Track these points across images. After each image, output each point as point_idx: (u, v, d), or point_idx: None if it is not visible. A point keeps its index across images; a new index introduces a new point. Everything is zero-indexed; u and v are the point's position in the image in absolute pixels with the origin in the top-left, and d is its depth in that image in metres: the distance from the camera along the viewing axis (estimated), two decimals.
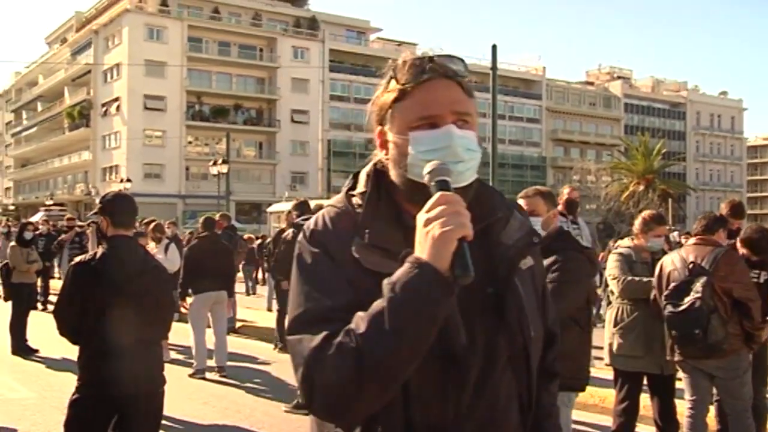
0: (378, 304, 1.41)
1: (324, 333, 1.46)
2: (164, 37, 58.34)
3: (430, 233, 1.40)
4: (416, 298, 1.38)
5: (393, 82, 1.62)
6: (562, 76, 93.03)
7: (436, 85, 1.58)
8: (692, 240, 5.38)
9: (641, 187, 51.65)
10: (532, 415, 1.68)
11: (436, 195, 1.44)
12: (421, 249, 1.41)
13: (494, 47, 19.02)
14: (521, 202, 4.30)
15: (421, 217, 1.43)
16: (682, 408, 5.47)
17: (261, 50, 63.63)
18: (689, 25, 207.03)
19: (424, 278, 1.38)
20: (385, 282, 1.42)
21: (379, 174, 1.65)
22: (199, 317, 9.40)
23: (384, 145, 1.65)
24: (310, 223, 1.66)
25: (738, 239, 5.92)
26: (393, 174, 1.61)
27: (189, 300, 9.43)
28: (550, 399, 1.82)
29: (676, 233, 26.84)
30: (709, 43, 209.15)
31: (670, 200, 48.83)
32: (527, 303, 1.64)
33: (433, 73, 1.59)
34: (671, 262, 5.21)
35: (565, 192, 8.80)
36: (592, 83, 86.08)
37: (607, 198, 53.80)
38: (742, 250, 5.78)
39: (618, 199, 52.01)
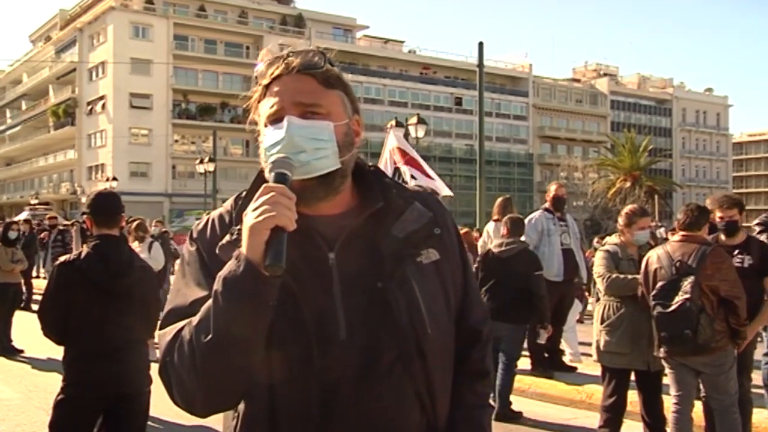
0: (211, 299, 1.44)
1: (179, 326, 1.49)
2: (150, 35, 58.07)
3: (246, 225, 1.42)
4: (230, 290, 1.39)
5: (256, 83, 1.66)
6: (549, 73, 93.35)
7: (285, 80, 1.60)
8: (677, 236, 5.36)
9: (628, 184, 51.86)
10: (444, 416, 1.64)
11: (262, 187, 1.45)
12: (243, 242, 1.43)
13: (481, 45, 19.04)
14: None
15: (246, 210, 1.45)
16: (669, 403, 5.48)
17: (247, 48, 63.45)
18: (675, 22, 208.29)
19: (237, 269, 1.39)
20: (217, 276, 1.44)
21: (262, 175, 1.65)
22: None
23: None
24: (195, 225, 1.71)
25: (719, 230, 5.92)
26: (265, 172, 1.60)
27: None
28: (476, 399, 1.73)
29: (662, 229, 26.97)
30: (695, 40, 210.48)
31: (656, 197, 49.00)
32: (425, 299, 1.58)
33: (282, 68, 1.60)
34: (657, 259, 5.20)
35: (552, 189, 8.83)
36: (578, 80, 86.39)
37: (594, 195, 54.05)
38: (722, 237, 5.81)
39: (605, 195, 52.23)
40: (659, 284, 5.09)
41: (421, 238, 1.64)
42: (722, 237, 5.78)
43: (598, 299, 5.85)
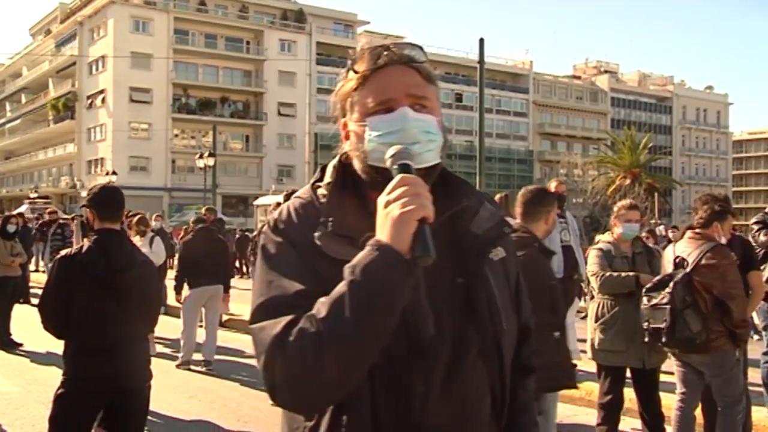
0: (339, 289, 1.40)
1: (286, 320, 1.44)
2: (150, 29, 58.01)
3: (389, 215, 1.39)
4: (375, 280, 1.37)
5: (351, 72, 1.64)
6: (549, 70, 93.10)
7: (391, 70, 1.60)
8: (689, 233, 5.37)
9: (627, 181, 51.91)
10: (507, 411, 1.66)
11: (397, 177, 1.43)
12: (381, 231, 1.40)
13: (482, 41, 19.02)
14: None
15: (382, 199, 1.42)
16: (668, 401, 5.48)
17: (248, 43, 63.41)
18: (676, 20, 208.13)
19: (384, 260, 1.37)
20: (346, 267, 1.41)
21: (345, 165, 1.65)
22: (192, 311, 9.37)
23: (348, 135, 1.66)
24: (274, 214, 1.66)
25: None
26: (356, 163, 1.61)
27: (184, 293, 9.37)
28: (526, 394, 1.80)
29: (662, 227, 26.99)
30: (696, 38, 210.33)
31: (656, 194, 49.08)
32: (499, 295, 1.62)
33: (388, 59, 1.60)
34: (669, 254, 5.29)
35: (552, 186, 8.83)
36: (579, 77, 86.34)
37: (594, 192, 54.04)
38: None
39: (604, 192, 52.25)
40: (656, 278, 5.11)
41: (494, 236, 1.68)
42: None
43: (592, 297, 5.83)
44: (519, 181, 70.34)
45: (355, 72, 1.63)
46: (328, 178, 1.65)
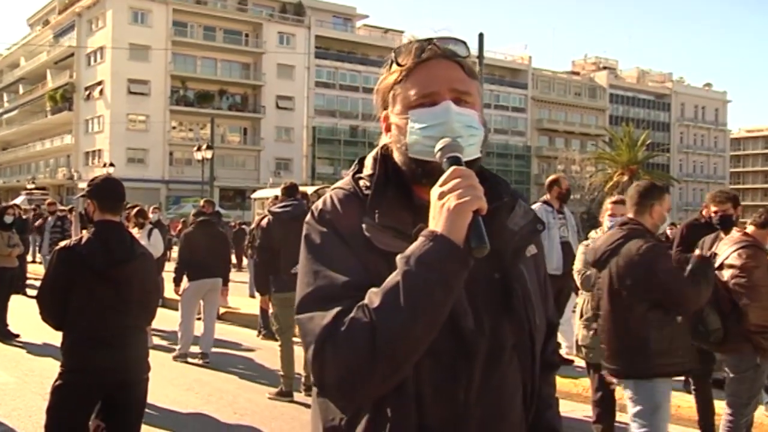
0: (392, 279, 1.40)
1: (336, 309, 1.44)
2: (149, 21, 57.85)
3: (445, 206, 1.40)
4: (432, 271, 1.37)
5: (394, 65, 1.65)
6: (548, 65, 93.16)
7: (435, 64, 1.61)
8: (735, 233, 5.29)
9: (625, 178, 51.84)
10: (534, 406, 1.68)
11: (450, 169, 1.44)
12: (436, 222, 1.41)
13: (481, 36, 19.03)
14: None
15: (435, 191, 1.43)
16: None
17: (246, 35, 63.24)
18: (675, 17, 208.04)
19: (440, 250, 1.38)
20: (399, 257, 1.41)
21: (385, 158, 1.65)
22: (190, 304, 9.37)
23: (389, 128, 1.66)
24: (318, 204, 1.65)
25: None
26: (396, 155, 1.62)
27: (183, 285, 9.36)
28: (550, 390, 1.83)
29: None
30: (695, 35, 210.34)
31: None
32: (532, 290, 1.65)
33: (432, 53, 1.61)
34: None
35: (563, 185, 8.79)
36: (577, 73, 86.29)
37: (591, 188, 54.11)
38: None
39: (602, 189, 52.25)
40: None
41: (528, 232, 1.70)
42: (722, 234, 5.75)
43: (579, 293, 5.85)
44: (517, 177, 70.47)
45: (399, 65, 1.63)
46: (368, 170, 1.65)
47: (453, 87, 1.58)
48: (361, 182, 1.63)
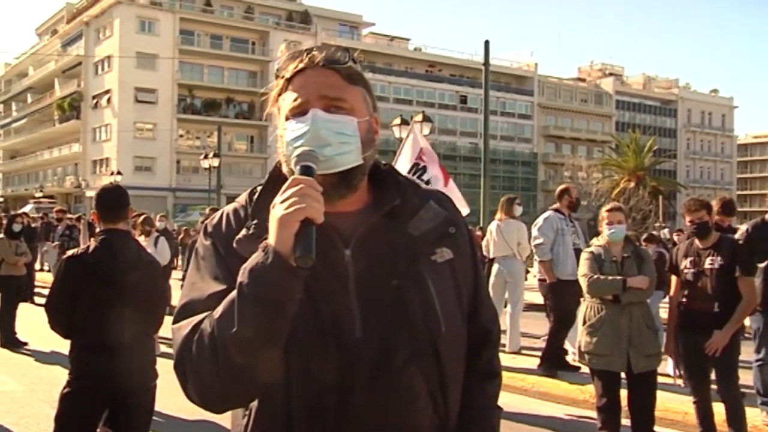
0: (234, 291, 1.42)
1: (197, 320, 1.47)
2: (156, 30, 58.07)
3: (274, 216, 1.40)
4: (259, 281, 1.37)
5: (279, 77, 1.65)
6: (554, 72, 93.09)
7: (309, 73, 1.60)
8: None
9: (632, 184, 51.75)
10: (455, 417, 1.64)
11: (290, 179, 1.43)
12: (270, 233, 1.41)
13: (487, 43, 19.01)
14: None
15: (274, 202, 1.43)
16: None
17: (253, 44, 63.43)
18: (681, 23, 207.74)
19: (265, 261, 1.37)
20: (241, 268, 1.42)
21: (279, 169, 1.65)
22: None
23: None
24: (209, 219, 1.69)
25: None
26: (283, 166, 1.61)
27: None
28: (485, 401, 1.75)
29: (666, 230, 26.91)
30: (701, 42, 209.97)
31: (660, 197, 48.89)
32: (439, 297, 1.58)
33: (308, 62, 1.60)
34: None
35: (573, 193, 8.83)
36: (583, 80, 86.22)
37: (598, 195, 53.91)
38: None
39: (609, 195, 52.05)
40: None
41: (436, 236, 1.65)
42: (696, 241, 5.78)
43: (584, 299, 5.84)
44: (523, 184, 70.41)
45: (278, 76, 1.64)
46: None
47: (323, 94, 1.57)
48: (255, 195, 1.65)
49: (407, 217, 1.64)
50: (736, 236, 6.56)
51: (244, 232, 1.54)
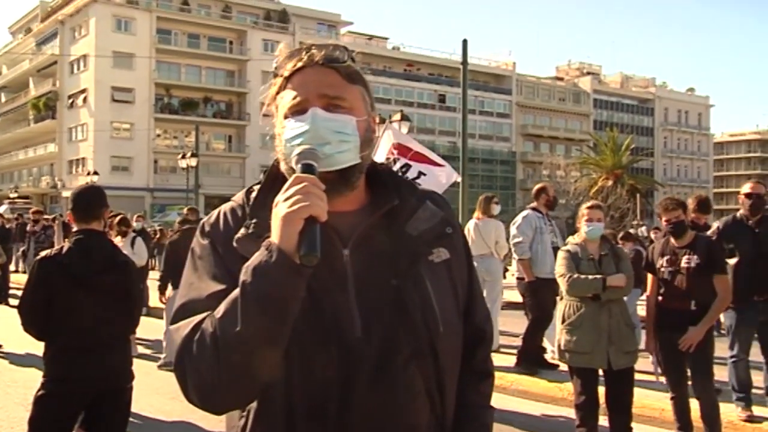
0: (237, 290, 1.41)
1: (196, 320, 1.46)
2: (132, 29, 57.67)
3: (277, 214, 1.40)
4: (261, 280, 1.36)
5: (278, 75, 1.65)
6: (533, 71, 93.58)
7: (308, 72, 1.59)
8: None
9: (610, 182, 52.17)
10: (451, 415, 1.65)
11: (292, 177, 1.43)
12: (273, 231, 1.40)
13: (465, 42, 19.02)
14: None
15: (276, 200, 1.43)
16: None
17: (231, 43, 63.21)
18: (658, 22, 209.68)
19: (268, 259, 1.37)
20: (243, 267, 1.41)
21: (277, 168, 1.64)
22: None
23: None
24: (206, 218, 1.69)
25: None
26: (282, 165, 1.61)
27: (168, 293, 9.32)
28: (479, 400, 1.77)
29: (644, 228, 27.13)
30: (678, 41, 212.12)
31: (638, 195, 49.33)
32: (437, 297, 1.60)
33: (307, 61, 1.60)
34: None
35: (550, 192, 8.89)
36: (561, 79, 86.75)
37: (576, 193, 54.27)
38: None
39: (587, 194, 52.40)
40: None
41: (433, 236, 1.66)
42: (672, 240, 5.82)
43: (561, 298, 5.86)
44: (502, 182, 70.66)
45: (277, 75, 1.64)
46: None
47: (322, 93, 1.57)
48: (252, 194, 1.64)
49: (406, 217, 1.65)
50: (708, 233, 6.63)
51: (243, 231, 1.53)
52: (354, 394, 1.50)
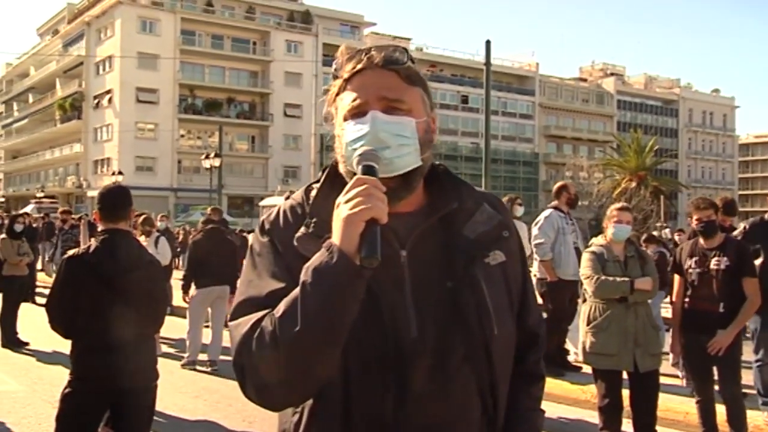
0: (297, 289, 1.42)
1: (256, 318, 1.47)
2: (157, 30, 58.11)
3: (339, 215, 1.40)
4: (323, 281, 1.37)
5: (338, 77, 1.65)
6: (556, 72, 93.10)
7: (368, 74, 1.59)
8: None
9: (633, 184, 51.69)
10: (502, 417, 1.65)
11: (353, 179, 1.43)
12: (334, 233, 1.41)
13: (488, 43, 18.98)
14: None
15: (338, 201, 1.43)
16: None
17: (254, 44, 63.48)
18: (683, 23, 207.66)
19: (331, 261, 1.38)
20: (304, 267, 1.42)
21: (336, 168, 1.65)
22: (198, 312, 9.41)
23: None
24: (265, 215, 1.70)
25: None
26: (341, 166, 1.62)
27: (191, 292, 9.40)
28: (530, 403, 1.77)
29: (667, 230, 26.88)
30: (703, 41, 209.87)
31: (662, 197, 48.84)
32: (492, 300, 1.59)
33: (367, 62, 1.60)
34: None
35: (571, 191, 8.81)
36: (585, 80, 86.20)
37: (599, 194, 53.88)
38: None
39: (610, 195, 52.00)
40: None
41: (490, 239, 1.66)
42: (701, 240, 5.77)
43: (584, 300, 5.80)
44: (524, 183, 70.39)
45: (336, 77, 1.64)
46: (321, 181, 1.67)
47: (382, 96, 1.57)
48: (311, 193, 1.65)
49: (463, 219, 1.65)
50: (734, 234, 6.56)
51: (303, 230, 1.55)
52: (409, 393, 1.51)
